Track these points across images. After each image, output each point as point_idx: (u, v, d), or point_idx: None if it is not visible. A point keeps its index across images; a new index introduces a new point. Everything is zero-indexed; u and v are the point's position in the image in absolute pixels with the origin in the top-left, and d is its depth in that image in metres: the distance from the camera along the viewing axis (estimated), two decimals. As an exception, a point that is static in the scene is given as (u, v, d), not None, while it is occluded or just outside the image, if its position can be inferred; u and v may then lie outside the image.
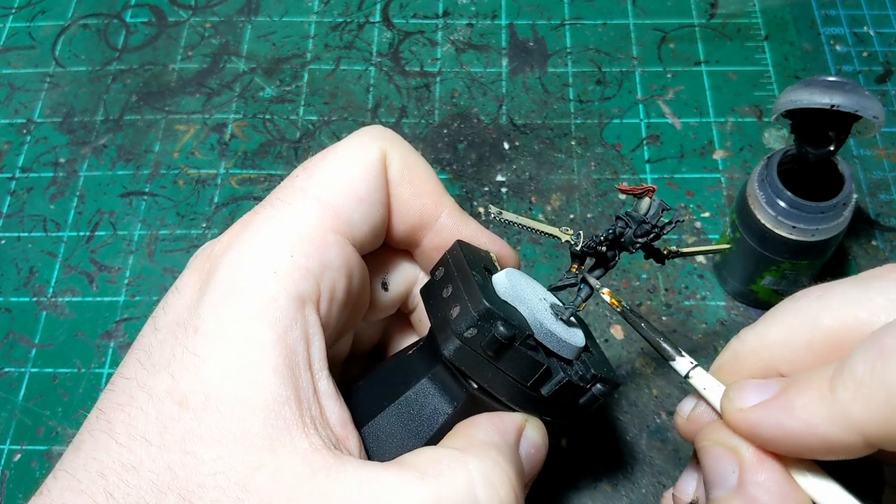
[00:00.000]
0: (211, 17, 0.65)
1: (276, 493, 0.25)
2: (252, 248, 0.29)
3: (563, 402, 0.32)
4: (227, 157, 0.58)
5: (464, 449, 0.28)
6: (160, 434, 0.26)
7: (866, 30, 0.62)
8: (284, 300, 0.28)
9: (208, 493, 0.25)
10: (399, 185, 0.33)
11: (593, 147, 0.57)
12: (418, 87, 0.61)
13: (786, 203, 0.42)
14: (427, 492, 0.26)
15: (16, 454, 0.47)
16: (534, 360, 0.30)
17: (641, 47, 0.62)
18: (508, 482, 0.28)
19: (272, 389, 0.27)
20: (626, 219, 0.34)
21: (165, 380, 0.27)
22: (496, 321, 0.29)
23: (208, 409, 0.26)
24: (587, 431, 0.46)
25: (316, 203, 0.30)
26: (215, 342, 0.27)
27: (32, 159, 0.59)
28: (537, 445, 0.32)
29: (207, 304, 0.28)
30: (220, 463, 0.26)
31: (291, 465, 0.26)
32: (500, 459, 0.28)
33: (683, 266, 0.52)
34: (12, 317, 0.52)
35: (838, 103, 0.37)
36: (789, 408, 0.25)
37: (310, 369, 0.28)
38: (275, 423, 0.26)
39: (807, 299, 0.28)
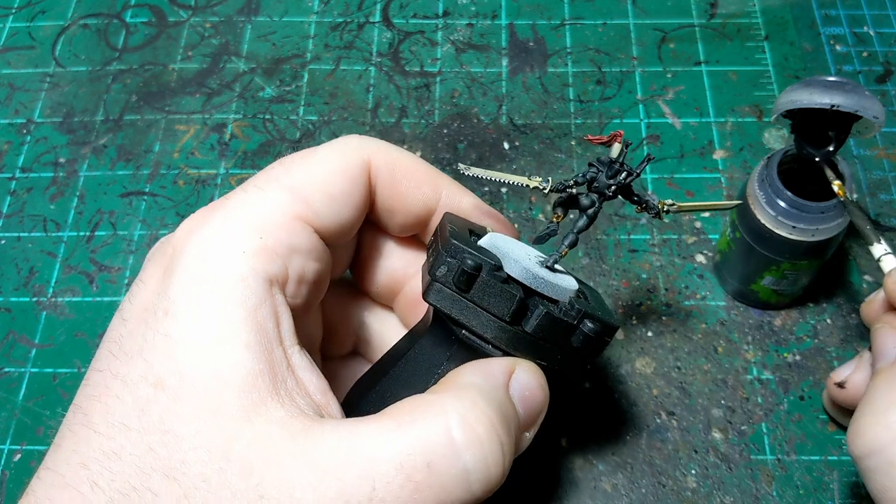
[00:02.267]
0: (211, 17, 0.65)
1: (256, 459, 0.26)
2: (221, 228, 0.30)
3: (555, 341, 0.31)
4: (227, 157, 0.58)
5: (443, 392, 0.28)
6: (138, 418, 0.27)
7: (866, 30, 0.62)
8: (253, 279, 0.28)
9: (191, 467, 0.26)
10: (394, 183, 0.34)
11: (593, 147, 0.57)
12: (418, 87, 0.61)
13: (786, 203, 0.42)
14: (403, 438, 0.26)
15: (16, 454, 0.47)
16: (505, 290, 0.30)
17: (641, 47, 0.62)
18: (487, 421, 0.27)
19: (245, 364, 0.27)
20: (596, 164, 0.34)
21: (139, 365, 0.27)
22: (464, 255, 0.30)
23: (183, 387, 0.27)
24: (587, 431, 0.46)
25: (288, 192, 0.31)
26: (187, 322, 0.28)
27: (32, 159, 0.59)
28: (531, 387, 0.31)
29: (176, 285, 0.28)
30: (198, 437, 0.26)
31: (269, 432, 0.26)
32: (477, 399, 0.28)
33: (683, 266, 0.52)
34: (12, 317, 0.52)
35: (838, 103, 0.37)
36: None
37: (281, 345, 0.29)
38: (249, 396, 0.27)
39: None
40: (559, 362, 0.32)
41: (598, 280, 0.51)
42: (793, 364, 0.48)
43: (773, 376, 0.47)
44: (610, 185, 0.34)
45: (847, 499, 0.44)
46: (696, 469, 0.45)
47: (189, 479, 0.25)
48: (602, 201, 0.35)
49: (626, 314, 0.50)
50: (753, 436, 0.46)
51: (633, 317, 0.50)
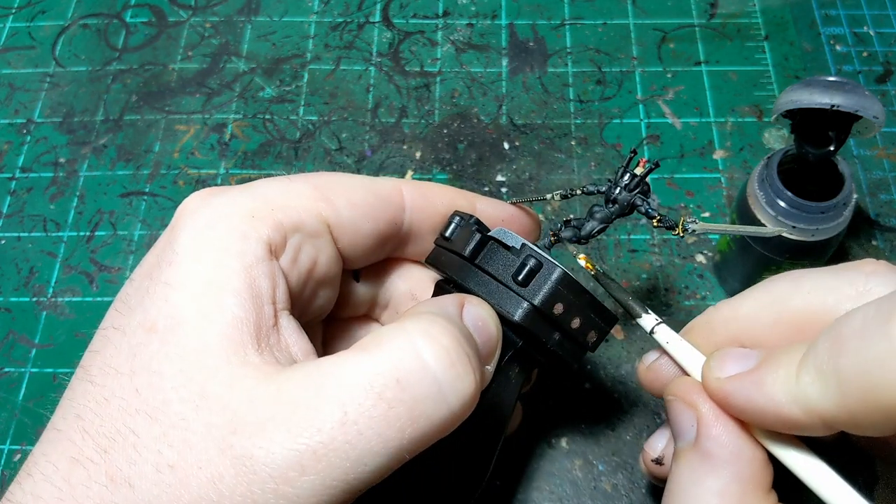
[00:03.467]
0: (211, 17, 0.65)
1: (230, 397, 0.26)
2: (235, 196, 0.31)
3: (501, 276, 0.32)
4: (227, 157, 0.58)
5: (404, 318, 0.28)
6: (129, 362, 0.27)
7: (866, 30, 0.62)
8: (255, 240, 0.29)
9: (171, 406, 0.26)
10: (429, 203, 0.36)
11: (593, 147, 0.57)
12: (418, 87, 0.61)
13: (786, 203, 0.42)
14: (368, 360, 0.26)
15: (16, 454, 0.47)
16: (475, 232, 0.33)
17: (641, 47, 0.62)
18: (450, 334, 0.27)
19: (231, 310, 0.28)
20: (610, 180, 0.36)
21: (138, 313, 0.28)
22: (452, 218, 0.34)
23: (175, 329, 0.27)
24: (587, 431, 0.46)
25: (310, 185, 0.33)
26: (187, 270, 0.29)
27: (32, 159, 0.59)
28: (482, 317, 0.31)
29: (183, 238, 0.29)
30: (181, 376, 0.26)
31: (244, 373, 0.27)
32: (437, 318, 0.28)
33: (683, 266, 0.52)
34: (12, 317, 0.52)
35: (838, 103, 0.37)
36: (760, 384, 0.26)
37: (273, 304, 0.29)
38: (231, 338, 0.27)
39: (782, 280, 0.29)
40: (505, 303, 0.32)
41: (598, 280, 0.51)
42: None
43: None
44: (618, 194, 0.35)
45: (847, 499, 0.44)
46: (696, 469, 0.45)
47: (168, 418, 0.26)
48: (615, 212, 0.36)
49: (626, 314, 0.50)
50: (753, 436, 0.46)
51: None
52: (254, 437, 0.25)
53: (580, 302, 0.32)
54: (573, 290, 0.32)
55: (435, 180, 0.56)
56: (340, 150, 0.58)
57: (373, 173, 0.56)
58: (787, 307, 0.28)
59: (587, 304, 0.33)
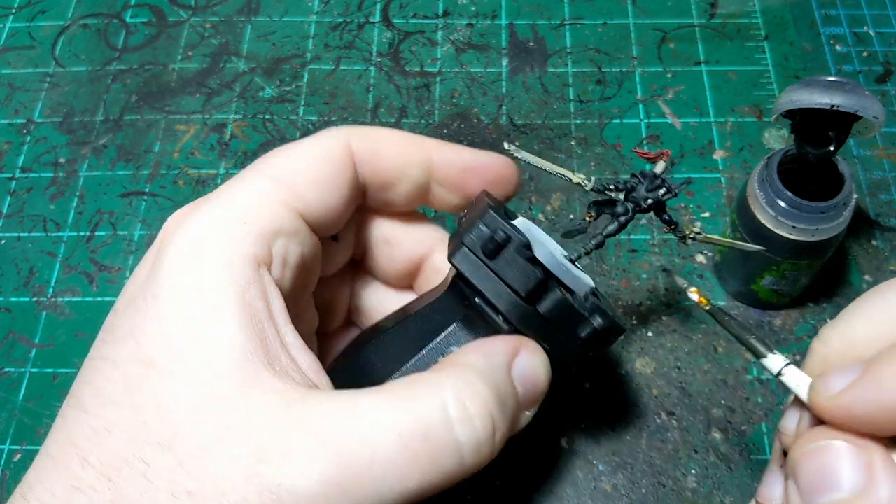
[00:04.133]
0: (211, 17, 0.65)
1: (254, 427, 0.26)
2: (207, 218, 0.31)
3: (563, 328, 0.32)
4: (227, 157, 0.58)
5: (443, 371, 0.29)
6: (129, 395, 0.27)
7: (866, 30, 0.62)
8: (240, 261, 0.29)
9: (186, 438, 0.26)
10: (378, 158, 0.34)
11: (593, 147, 0.57)
12: (418, 87, 0.61)
13: (786, 203, 0.42)
14: (401, 409, 0.27)
15: (16, 454, 0.47)
16: (528, 267, 0.31)
17: (641, 47, 0.62)
18: (480, 399, 0.28)
19: (238, 343, 0.28)
20: (638, 175, 0.35)
21: (129, 345, 0.28)
22: (497, 226, 0.31)
23: (176, 365, 0.27)
24: (587, 431, 0.46)
25: (271, 180, 0.32)
26: (176, 304, 0.28)
27: (32, 159, 0.59)
28: (534, 367, 0.31)
29: (164, 270, 0.29)
30: (193, 410, 0.26)
31: (266, 401, 0.27)
32: (474, 379, 0.28)
33: (683, 266, 0.52)
34: (12, 317, 0.52)
35: (838, 103, 0.37)
36: (879, 381, 0.24)
37: (273, 324, 0.29)
38: (245, 370, 0.27)
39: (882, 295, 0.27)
40: (561, 350, 0.33)
41: (598, 280, 0.51)
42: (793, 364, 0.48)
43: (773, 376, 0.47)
44: (647, 197, 0.35)
45: (847, 499, 0.44)
46: (696, 469, 0.45)
47: (184, 448, 0.26)
48: (636, 212, 0.36)
49: (626, 314, 0.50)
50: (753, 436, 0.46)
51: (633, 317, 0.50)
52: (282, 467, 0.25)
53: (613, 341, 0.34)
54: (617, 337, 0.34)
55: (435, 180, 0.56)
56: (340, 150, 0.58)
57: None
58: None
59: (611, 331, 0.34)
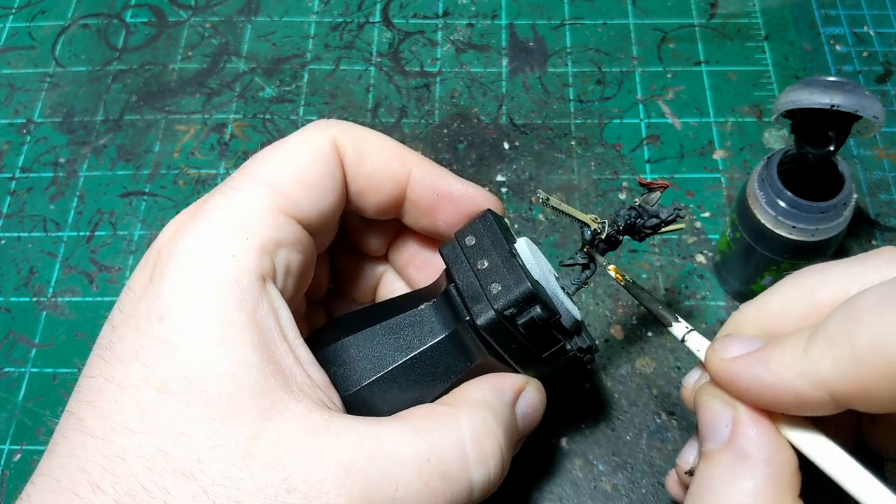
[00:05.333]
0: (211, 17, 0.65)
1: (281, 454, 0.26)
2: (207, 233, 0.30)
3: (558, 366, 0.35)
4: (227, 157, 0.58)
5: (458, 406, 0.31)
6: (142, 421, 0.26)
7: (866, 30, 0.62)
8: (247, 280, 0.29)
9: (210, 465, 0.26)
10: (361, 162, 0.34)
11: (593, 147, 0.57)
12: (418, 87, 0.61)
13: (786, 203, 0.42)
14: (421, 444, 0.29)
15: (16, 454, 0.47)
16: (558, 339, 0.34)
17: (641, 47, 0.62)
18: (494, 438, 0.31)
19: (255, 365, 0.27)
20: (639, 209, 0.36)
21: (137, 370, 0.27)
22: (535, 304, 0.32)
23: (193, 391, 0.27)
24: (587, 431, 0.46)
25: (265, 188, 0.31)
26: (185, 327, 0.28)
27: (32, 159, 0.59)
28: (534, 405, 0.35)
29: (168, 290, 0.28)
30: (216, 437, 0.26)
31: (291, 428, 0.27)
32: (489, 417, 0.31)
33: (683, 266, 0.52)
34: (12, 317, 0.52)
35: (838, 103, 0.37)
36: (766, 361, 0.26)
37: (286, 341, 0.29)
38: (266, 394, 0.27)
39: (807, 274, 0.29)
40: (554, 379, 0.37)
41: (598, 280, 0.51)
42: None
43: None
44: (644, 232, 0.37)
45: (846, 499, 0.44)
46: (696, 469, 0.45)
47: (208, 477, 0.25)
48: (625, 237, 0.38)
49: (626, 314, 0.50)
50: (753, 436, 0.46)
51: (633, 317, 0.50)
52: (310, 498, 0.26)
53: None
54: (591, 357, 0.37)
55: (435, 180, 0.56)
56: (340, 150, 0.58)
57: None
58: (814, 300, 0.28)
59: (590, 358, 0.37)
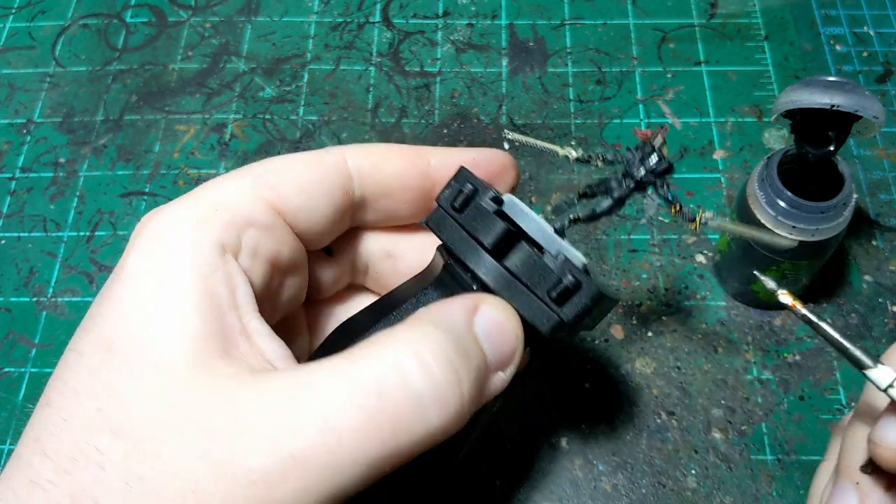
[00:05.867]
0: (211, 17, 0.65)
1: (205, 406, 0.26)
2: (179, 204, 0.31)
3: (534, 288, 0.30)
4: (227, 157, 0.58)
5: (397, 327, 0.27)
6: (88, 383, 0.27)
7: (866, 30, 0.62)
8: (207, 247, 0.29)
9: (137, 422, 0.25)
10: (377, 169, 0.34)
11: (593, 147, 0.57)
12: (418, 87, 0.61)
13: (786, 203, 0.42)
14: (354, 371, 0.26)
15: (16, 454, 0.47)
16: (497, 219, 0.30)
17: (641, 47, 0.62)
18: (438, 348, 0.26)
19: (193, 324, 0.27)
20: (631, 149, 0.34)
21: (94, 333, 0.28)
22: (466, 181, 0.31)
23: (132, 347, 0.27)
24: (587, 431, 0.46)
25: (251, 176, 0.32)
26: (137, 286, 0.28)
27: (32, 159, 0.59)
28: (498, 321, 0.29)
29: (132, 255, 0.29)
30: (144, 393, 0.26)
31: (218, 383, 0.26)
32: (428, 329, 0.27)
33: (683, 266, 0.52)
34: (12, 317, 0.52)
35: (838, 103, 0.37)
36: None
37: (236, 311, 0.29)
38: (198, 352, 0.27)
39: None
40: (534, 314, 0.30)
41: (598, 280, 0.51)
42: (793, 364, 0.48)
43: (773, 376, 0.47)
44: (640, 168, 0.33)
45: (847, 499, 0.44)
46: (696, 469, 0.45)
47: (136, 433, 0.25)
48: (632, 189, 0.34)
49: (626, 314, 0.50)
50: (753, 436, 0.46)
51: (632, 317, 0.50)
52: (233, 443, 0.24)
53: (599, 310, 0.31)
54: (599, 305, 0.31)
55: (435, 180, 0.56)
56: (340, 150, 0.58)
57: (373, 173, 0.56)
58: None
59: (604, 310, 0.32)
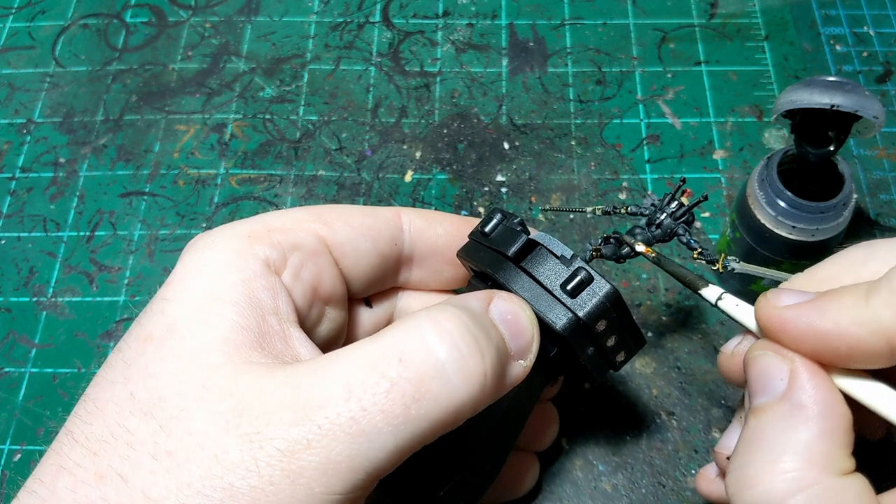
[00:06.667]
0: (211, 17, 0.65)
1: (234, 388, 0.26)
2: (235, 224, 0.32)
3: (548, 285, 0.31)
4: (227, 157, 0.58)
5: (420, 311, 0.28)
6: (123, 372, 0.28)
7: (866, 30, 0.62)
8: (252, 257, 0.30)
9: (168, 401, 0.26)
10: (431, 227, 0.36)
11: (593, 147, 0.57)
12: (418, 87, 0.61)
13: (786, 203, 0.42)
14: (376, 343, 0.26)
15: (16, 454, 0.47)
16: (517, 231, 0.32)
17: (641, 47, 0.62)
18: (458, 320, 0.27)
19: (231, 317, 0.28)
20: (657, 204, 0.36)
21: (134, 331, 0.29)
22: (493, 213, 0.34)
23: (171, 336, 0.28)
24: (587, 431, 0.46)
25: (307, 211, 0.34)
26: (182, 286, 0.29)
27: (32, 159, 0.59)
28: (513, 310, 0.30)
29: (180, 263, 0.31)
30: (178, 374, 0.27)
31: (248, 368, 0.27)
32: (449, 307, 0.27)
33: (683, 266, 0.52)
34: (12, 317, 0.52)
35: (838, 103, 0.37)
36: (822, 309, 0.26)
37: (276, 315, 0.30)
38: (232, 341, 0.28)
39: (858, 248, 0.29)
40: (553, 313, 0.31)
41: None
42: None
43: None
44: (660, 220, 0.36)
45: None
46: (696, 469, 0.45)
47: (165, 412, 0.26)
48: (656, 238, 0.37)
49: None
50: (753, 436, 0.46)
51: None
52: (260, 418, 0.25)
53: (621, 321, 0.32)
54: (619, 308, 0.32)
55: (435, 180, 0.56)
56: (340, 149, 0.58)
57: (373, 173, 0.56)
58: (864, 269, 0.28)
59: (627, 324, 0.33)
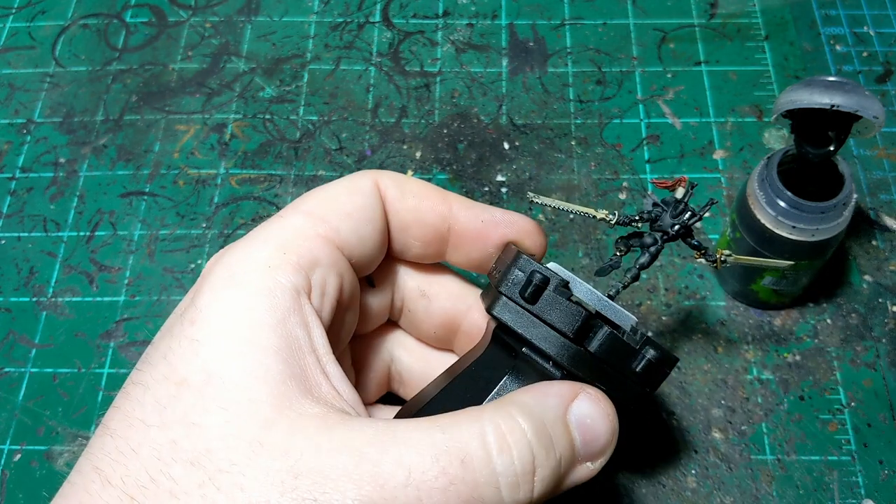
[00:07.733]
0: (211, 17, 0.65)
1: (292, 444, 0.26)
2: (246, 249, 0.31)
3: (616, 365, 0.32)
4: (227, 157, 0.58)
5: (485, 406, 0.29)
6: (159, 415, 0.27)
7: (866, 30, 0.62)
8: (280, 291, 0.29)
9: (217, 454, 0.26)
10: (403, 196, 0.35)
11: (593, 147, 0.57)
12: (418, 87, 0.61)
13: (786, 203, 0.42)
14: (438, 433, 0.27)
15: (16, 454, 0.47)
16: (571, 306, 0.31)
17: (641, 47, 0.62)
18: (519, 431, 0.28)
19: (276, 367, 0.28)
20: (661, 204, 0.36)
21: (162, 368, 0.28)
22: (532, 269, 0.31)
23: (211, 384, 0.27)
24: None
25: (304, 215, 0.33)
26: (214, 328, 0.28)
27: (32, 159, 0.59)
28: (594, 414, 0.30)
29: (204, 297, 0.29)
30: (228, 427, 0.26)
31: (304, 423, 0.27)
32: (515, 412, 0.28)
33: (683, 266, 0.52)
34: (12, 317, 0.52)
35: (838, 103, 0.37)
36: None
37: (314, 353, 0.29)
38: (283, 393, 0.27)
39: None
40: (618, 389, 0.32)
41: (598, 280, 0.51)
42: (793, 364, 0.48)
43: (773, 376, 0.47)
44: (674, 224, 0.35)
45: (847, 499, 0.44)
46: (696, 469, 0.45)
47: (214, 465, 0.25)
48: (665, 240, 0.36)
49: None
50: (753, 436, 0.46)
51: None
52: (319, 483, 0.25)
53: None
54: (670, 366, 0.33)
55: (435, 180, 0.56)
56: (340, 150, 0.58)
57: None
58: None
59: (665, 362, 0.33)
